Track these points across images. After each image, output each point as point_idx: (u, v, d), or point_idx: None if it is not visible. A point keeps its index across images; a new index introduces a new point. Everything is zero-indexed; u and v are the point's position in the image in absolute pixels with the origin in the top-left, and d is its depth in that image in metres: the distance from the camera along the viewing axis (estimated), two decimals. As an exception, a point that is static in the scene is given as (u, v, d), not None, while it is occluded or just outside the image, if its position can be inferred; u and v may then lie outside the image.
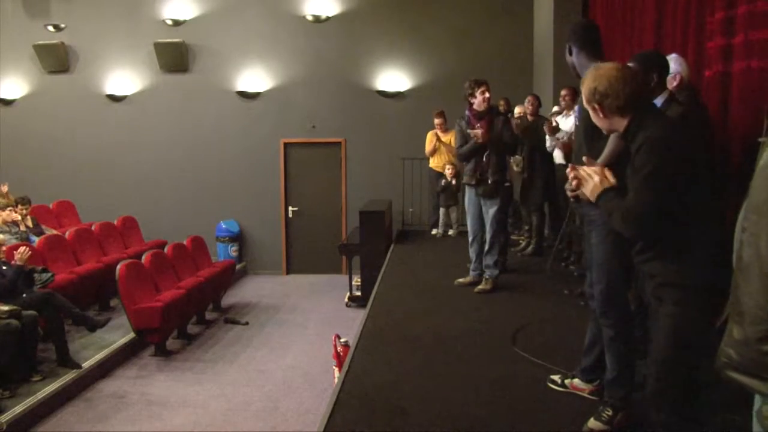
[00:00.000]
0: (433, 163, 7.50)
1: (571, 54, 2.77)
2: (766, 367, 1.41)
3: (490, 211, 4.67)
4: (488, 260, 4.76)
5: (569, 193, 2.53)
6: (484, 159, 4.63)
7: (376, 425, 2.62)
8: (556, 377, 2.92)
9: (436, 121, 7.31)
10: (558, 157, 5.41)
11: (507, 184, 4.95)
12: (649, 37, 4.76)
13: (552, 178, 5.59)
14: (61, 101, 9.32)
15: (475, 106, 4.64)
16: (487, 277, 4.78)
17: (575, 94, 5.56)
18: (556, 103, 5.62)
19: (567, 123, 5.15)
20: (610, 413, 2.48)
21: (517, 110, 6.22)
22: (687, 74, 3.20)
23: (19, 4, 9.22)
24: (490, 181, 4.61)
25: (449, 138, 7.08)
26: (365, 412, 2.75)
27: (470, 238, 4.90)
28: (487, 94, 4.59)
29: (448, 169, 7.15)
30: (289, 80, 9.07)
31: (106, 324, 5.46)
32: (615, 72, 1.99)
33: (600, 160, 2.38)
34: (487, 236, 4.72)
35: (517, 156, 5.71)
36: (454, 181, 7.06)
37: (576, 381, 2.82)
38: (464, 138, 4.75)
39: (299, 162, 9.29)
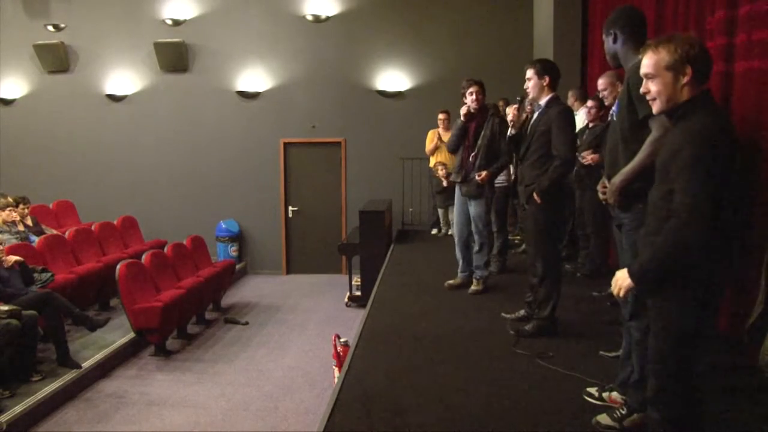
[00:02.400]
0: (434, 162, 7.49)
1: (615, 42, 2.60)
2: None
3: (474, 210, 4.64)
4: (478, 260, 4.74)
5: (601, 196, 2.53)
6: (470, 158, 4.61)
7: (376, 425, 2.62)
8: (593, 390, 2.81)
9: (441, 116, 7.30)
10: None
11: (504, 184, 4.92)
12: (649, 36, 4.74)
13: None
14: (61, 101, 9.32)
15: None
16: (477, 278, 4.77)
17: (579, 95, 5.57)
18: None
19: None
20: (623, 412, 2.47)
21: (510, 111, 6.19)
22: None
23: (19, 4, 9.22)
24: (473, 181, 4.57)
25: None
26: (365, 412, 2.75)
27: (456, 238, 4.88)
28: (474, 96, 4.56)
29: (441, 169, 7.10)
30: (289, 80, 9.07)
31: (106, 324, 5.45)
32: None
33: (635, 163, 2.34)
34: (475, 237, 4.69)
35: None
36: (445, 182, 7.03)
37: (614, 394, 2.71)
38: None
39: (299, 162, 9.29)
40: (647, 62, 1.95)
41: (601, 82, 4.36)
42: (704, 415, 1.98)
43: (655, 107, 1.98)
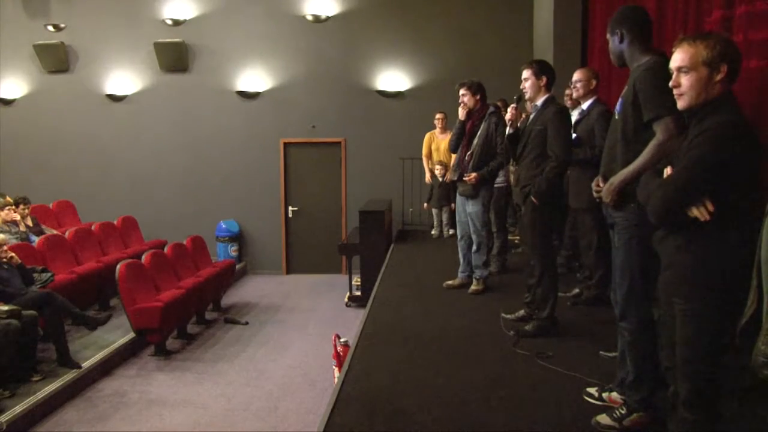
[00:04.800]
0: (432, 164, 7.49)
1: (621, 41, 2.54)
2: None
3: (471, 209, 4.64)
4: (476, 260, 4.74)
5: (594, 194, 2.54)
6: (466, 157, 4.61)
7: (376, 425, 2.62)
8: (592, 390, 2.80)
9: (438, 115, 7.30)
10: None
11: (503, 184, 4.89)
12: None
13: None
14: (61, 101, 9.32)
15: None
16: (477, 277, 4.77)
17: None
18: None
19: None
20: (623, 412, 2.47)
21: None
22: None
23: (19, 4, 9.22)
24: (468, 180, 4.57)
25: (446, 140, 7.06)
26: (365, 412, 2.75)
27: (458, 237, 4.90)
28: (460, 98, 4.61)
29: (439, 169, 7.15)
30: (289, 80, 9.07)
31: (107, 321, 5.46)
32: None
33: (636, 165, 2.34)
34: (473, 236, 4.70)
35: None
36: (440, 180, 7.11)
37: (614, 394, 2.69)
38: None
39: (299, 162, 9.29)
40: (682, 56, 1.92)
41: (577, 75, 4.30)
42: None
43: (682, 102, 1.95)
